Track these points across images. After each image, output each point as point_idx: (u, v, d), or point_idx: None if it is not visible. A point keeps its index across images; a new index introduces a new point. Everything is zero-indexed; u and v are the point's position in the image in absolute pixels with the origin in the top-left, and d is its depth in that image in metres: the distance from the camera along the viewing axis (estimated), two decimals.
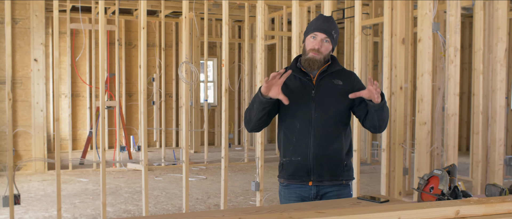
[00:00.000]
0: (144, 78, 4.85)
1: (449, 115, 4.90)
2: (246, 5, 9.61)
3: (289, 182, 2.82)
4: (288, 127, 2.78)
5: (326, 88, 2.76)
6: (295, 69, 2.80)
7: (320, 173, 2.75)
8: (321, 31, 2.73)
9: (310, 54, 2.73)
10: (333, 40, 2.77)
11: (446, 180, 2.34)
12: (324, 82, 2.77)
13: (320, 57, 2.73)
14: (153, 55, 11.36)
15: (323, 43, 2.74)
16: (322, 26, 2.74)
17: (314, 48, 2.73)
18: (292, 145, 2.77)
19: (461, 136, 11.02)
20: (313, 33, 2.75)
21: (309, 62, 2.73)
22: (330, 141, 2.74)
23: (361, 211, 1.70)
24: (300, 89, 2.77)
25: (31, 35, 7.98)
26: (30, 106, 8.06)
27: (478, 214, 1.82)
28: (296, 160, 2.77)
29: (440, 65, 5.90)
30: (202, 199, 6.48)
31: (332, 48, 2.79)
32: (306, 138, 2.73)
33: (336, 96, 2.76)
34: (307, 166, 2.75)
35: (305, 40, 2.80)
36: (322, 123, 2.73)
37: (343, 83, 2.78)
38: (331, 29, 2.75)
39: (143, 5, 4.80)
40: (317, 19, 2.79)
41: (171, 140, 12.00)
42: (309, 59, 2.73)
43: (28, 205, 6.03)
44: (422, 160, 4.91)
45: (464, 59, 11.40)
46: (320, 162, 2.74)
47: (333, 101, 2.75)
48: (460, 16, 4.86)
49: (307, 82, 2.77)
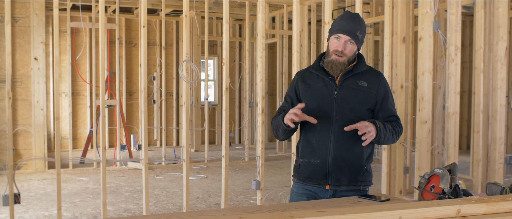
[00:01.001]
0: (144, 77, 4.84)
1: (450, 113, 4.90)
2: (247, 4, 9.60)
3: (305, 183, 2.74)
4: (309, 128, 2.69)
5: (349, 89, 2.66)
6: (318, 68, 2.72)
7: (339, 177, 2.66)
8: (345, 33, 2.62)
9: (333, 57, 2.63)
10: (358, 41, 2.65)
11: (447, 179, 2.34)
12: (347, 83, 2.67)
13: (344, 60, 2.63)
14: (153, 54, 11.35)
15: (347, 44, 2.62)
16: (346, 27, 2.62)
17: (337, 50, 2.62)
18: (311, 147, 2.69)
19: (462, 134, 11.02)
20: (336, 34, 2.64)
21: (332, 65, 2.63)
22: (350, 145, 2.65)
23: (362, 210, 1.70)
24: (322, 89, 2.68)
25: (31, 34, 7.98)
26: (30, 105, 8.06)
27: (479, 213, 1.82)
28: (314, 162, 2.68)
29: (441, 63, 5.89)
30: (203, 198, 6.48)
31: (357, 49, 2.69)
32: (326, 141, 2.65)
33: (359, 98, 2.66)
34: (326, 170, 2.66)
35: (329, 40, 2.69)
36: (344, 126, 2.59)
37: (368, 85, 2.67)
38: (356, 30, 2.64)
39: (144, 3, 4.79)
40: (342, 18, 2.67)
41: (172, 139, 12.00)
42: (331, 62, 2.64)
43: (28, 204, 6.03)
44: (423, 159, 4.91)
45: (465, 57, 11.39)
46: (340, 166, 2.65)
47: (355, 103, 2.65)
48: (460, 15, 4.85)
49: (330, 82, 2.67)
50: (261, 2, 5.13)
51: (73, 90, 10.67)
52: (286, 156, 10.36)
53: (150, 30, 11.34)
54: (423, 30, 4.87)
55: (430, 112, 4.92)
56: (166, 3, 9.80)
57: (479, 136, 5.58)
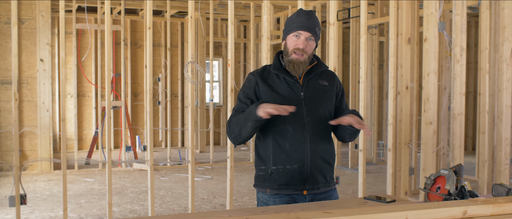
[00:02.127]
0: (150, 78, 4.86)
1: (455, 114, 4.89)
2: (252, 5, 9.61)
3: (280, 191, 2.56)
4: (279, 132, 2.54)
5: (315, 89, 2.60)
6: (279, 69, 2.60)
7: (315, 180, 2.56)
8: (306, 29, 2.53)
9: (294, 56, 2.53)
10: (317, 37, 2.58)
11: (453, 180, 2.33)
12: (311, 83, 2.60)
13: (305, 58, 2.53)
14: (158, 55, 11.37)
15: (307, 42, 2.53)
16: (306, 24, 2.53)
17: (298, 48, 2.52)
18: (285, 153, 2.53)
19: (467, 135, 10.99)
20: (296, 32, 2.54)
21: (294, 65, 2.53)
22: (325, 145, 2.60)
23: (368, 211, 1.70)
24: (288, 91, 2.57)
25: (37, 35, 8.01)
26: (36, 106, 8.08)
27: (486, 214, 1.82)
28: (291, 168, 2.53)
29: (446, 64, 5.88)
30: (208, 199, 6.49)
31: (316, 46, 2.60)
32: (301, 144, 2.52)
33: (324, 97, 2.61)
34: (303, 174, 2.54)
35: (287, 39, 2.58)
36: (316, 127, 2.55)
37: (328, 84, 2.64)
38: (315, 26, 2.55)
39: (149, 5, 4.81)
40: (299, 15, 2.56)
41: (177, 140, 12.01)
42: (293, 62, 2.53)
43: (34, 205, 6.05)
44: (428, 160, 4.90)
45: (470, 58, 11.36)
46: (317, 168, 2.56)
47: (322, 103, 2.59)
48: (466, 16, 4.84)
49: (294, 83, 2.57)
50: (266, 3, 5.13)
51: (78, 91, 10.70)
52: None
53: (155, 31, 11.37)
54: (428, 31, 4.86)
55: (435, 113, 4.92)
56: (171, 5, 9.82)
57: (485, 137, 5.57)
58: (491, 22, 5.63)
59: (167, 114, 10.82)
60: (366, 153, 9.07)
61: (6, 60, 7.92)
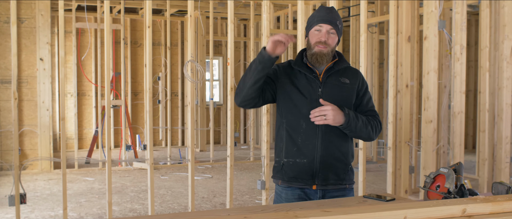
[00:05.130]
0: (149, 77, 4.85)
1: (455, 113, 4.89)
2: (252, 4, 9.61)
3: (290, 184, 2.64)
4: (293, 126, 2.61)
5: (333, 86, 2.60)
6: (300, 65, 2.64)
7: (326, 176, 2.60)
8: (326, 22, 2.56)
9: (316, 48, 2.56)
10: (338, 31, 2.60)
11: (453, 178, 2.33)
12: (331, 80, 2.61)
13: (328, 50, 2.57)
14: (158, 54, 11.37)
15: (329, 35, 2.56)
16: (326, 17, 2.57)
17: (320, 41, 2.55)
18: (297, 146, 2.60)
19: (467, 134, 10.99)
20: (317, 26, 2.58)
21: (317, 57, 2.56)
22: (338, 143, 2.61)
23: (367, 210, 1.70)
24: (307, 86, 2.60)
25: (37, 35, 8.00)
26: (36, 105, 8.08)
27: (485, 213, 1.81)
28: (301, 162, 2.59)
29: (446, 63, 5.88)
30: (208, 198, 6.49)
31: (338, 40, 2.63)
32: (313, 139, 2.57)
33: (343, 95, 2.61)
34: (313, 169, 2.59)
35: (309, 34, 2.62)
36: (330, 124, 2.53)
37: (350, 82, 2.63)
38: (336, 20, 2.59)
39: (149, 4, 4.80)
40: (320, 11, 2.61)
41: (177, 139, 12.01)
42: (316, 54, 2.56)
43: (34, 204, 6.05)
44: (428, 158, 4.89)
45: (470, 56, 11.36)
46: (327, 165, 2.59)
47: (340, 101, 2.57)
48: (466, 14, 4.84)
49: (313, 79, 2.60)
50: (266, 2, 5.13)
51: (78, 91, 10.70)
52: None
53: (155, 30, 11.36)
54: (428, 29, 4.85)
55: (435, 111, 4.91)
56: (171, 3, 9.81)
57: (485, 135, 5.56)
58: (491, 20, 5.62)
59: (167, 113, 10.82)
60: (366, 152, 9.07)
61: (6, 59, 7.92)
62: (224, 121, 12.36)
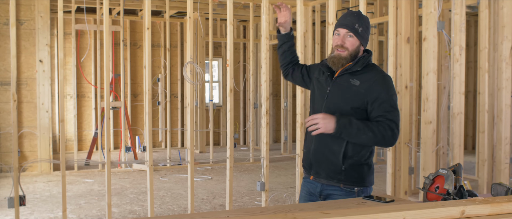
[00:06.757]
0: (149, 79, 4.85)
1: (455, 114, 4.89)
2: (251, 5, 9.61)
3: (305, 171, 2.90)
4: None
5: (341, 86, 2.71)
6: (324, 64, 2.83)
7: (317, 170, 2.78)
8: (343, 27, 2.70)
9: (336, 52, 2.70)
10: (358, 34, 2.67)
11: (452, 179, 2.33)
12: (341, 80, 2.72)
13: (346, 54, 2.68)
14: (158, 56, 11.37)
15: (346, 38, 2.68)
16: (343, 22, 2.71)
17: (337, 44, 2.70)
18: (306, 136, 2.87)
19: (467, 135, 10.99)
20: (336, 30, 2.74)
21: (333, 60, 2.71)
22: (329, 141, 2.69)
23: (366, 212, 1.70)
24: (321, 84, 2.82)
25: (36, 36, 8.00)
26: (35, 107, 8.08)
27: (484, 214, 1.81)
28: (306, 151, 2.85)
29: (446, 64, 5.88)
30: (208, 200, 6.48)
31: (359, 43, 2.70)
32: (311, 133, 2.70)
33: (346, 96, 2.68)
34: (309, 160, 2.82)
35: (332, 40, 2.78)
36: None
37: (360, 83, 2.65)
38: (353, 23, 2.68)
39: (148, 5, 4.80)
40: (342, 17, 2.77)
41: (177, 140, 12.01)
42: (333, 57, 2.72)
43: (34, 206, 6.05)
44: (428, 160, 4.89)
45: (470, 57, 11.36)
46: (317, 159, 2.76)
47: (342, 101, 2.68)
48: (465, 15, 4.84)
49: (328, 78, 2.78)
50: (265, 3, 5.13)
51: (78, 92, 10.69)
52: (291, 157, 10.35)
53: (155, 32, 11.36)
54: (427, 30, 4.85)
55: (435, 112, 4.91)
56: (170, 5, 9.82)
57: (485, 136, 5.56)
58: (490, 21, 5.62)
59: (166, 114, 10.82)
60: None
61: (5, 61, 7.92)
62: (224, 123, 12.36)
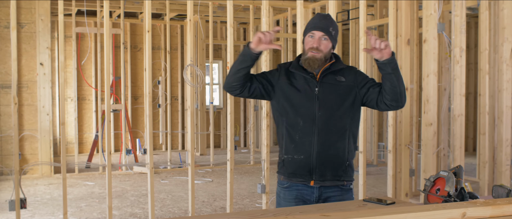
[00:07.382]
0: (149, 81, 4.85)
1: (455, 115, 4.88)
2: (251, 7, 9.61)
3: (290, 180, 2.76)
4: (291, 124, 2.74)
5: (329, 85, 2.73)
6: (297, 67, 2.78)
7: (323, 172, 2.71)
8: (318, 29, 2.70)
9: (309, 54, 2.69)
10: (332, 37, 2.73)
11: (453, 181, 2.33)
12: (327, 79, 2.74)
13: (321, 56, 2.69)
14: (158, 58, 11.37)
15: (321, 41, 2.70)
16: (318, 24, 2.71)
17: (313, 47, 2.69)
18: (295, 143, 2.73)
19: (468, 136, 10.98)
20: (310, 32, 2.72)
21: (309, 62, 2.69)
22: (334, 140, 2.71)
23: (367, 214, 1.69)
24: (304, 86, 2.74)
25: (37, 39, 8.01)
26: (36, 110, 8.08)
27: (485, 216, 1.81)
28: (298, 158, 2.72)
29: (446, 65, 5.88)
30: (208, 202, 6.48)
31: (332, 46, 2.75)
32: (309, 137, 2.70)
33: (339, 93, 2.72)
34: (310, 165, 2.71)
35: (304, 41, 2.77)
36: (326, 122, 2.69)
37: (346, 80, 2.75)
38: (328, 27, 2.71)
39: (148, 8, 4.81)
40: (314, 18, 2.77)
41: (177, 142, 12.00)
42: (308, 59, 2.70)
43: (35, 209, 6.04)
44: (429, 161, 4.89)
45: (470, 59, 11.36)
46: (323, 161, 2.70)
47: (336, 99, 2.72)
48: (465, 16, 4.84)
49: (311, 79, 2.73)
50: (265, 5, 5.13)
51: (78, 95, 10.69)
52: None
53: (155, 34, 11.37)
54: (428, 32, 4.85)
55: (435, 114, 4.91)
56: (171, 8, 9.82)
57: (485, 138, 5.56)
58: (490, 23, 5.62)
59: (167, 117, 10.81)
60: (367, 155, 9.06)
61: (6, 64, 7.92)
62: (224, 125, 12.35)
